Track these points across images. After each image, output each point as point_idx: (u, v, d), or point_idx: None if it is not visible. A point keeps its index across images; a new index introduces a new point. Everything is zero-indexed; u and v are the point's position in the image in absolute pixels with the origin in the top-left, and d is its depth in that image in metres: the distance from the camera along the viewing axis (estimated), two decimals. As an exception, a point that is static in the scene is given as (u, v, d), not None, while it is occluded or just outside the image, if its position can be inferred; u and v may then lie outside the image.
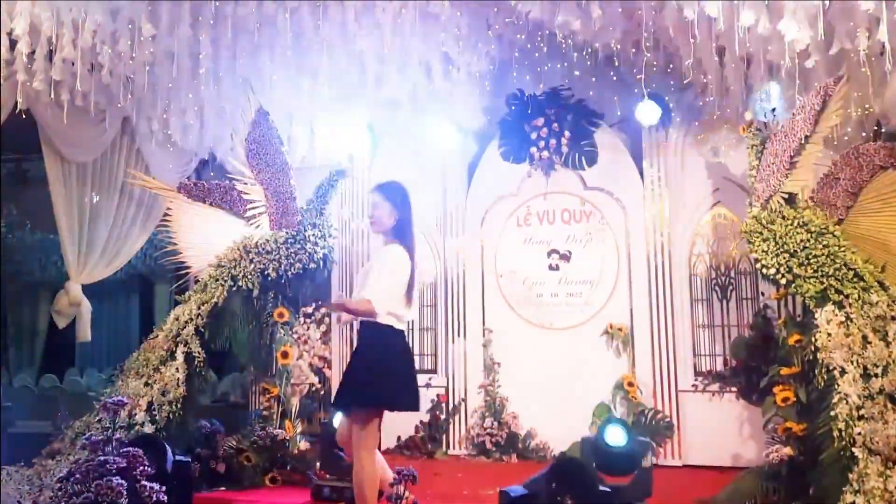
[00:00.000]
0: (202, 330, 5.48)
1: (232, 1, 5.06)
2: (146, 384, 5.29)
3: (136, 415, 5.09)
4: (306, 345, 5.80)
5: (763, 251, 4.73)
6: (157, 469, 3.84)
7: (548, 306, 6.62)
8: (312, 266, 5.69)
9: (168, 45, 5.21)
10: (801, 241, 4.61)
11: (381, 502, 3.79)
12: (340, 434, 3.98)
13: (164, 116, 6.18)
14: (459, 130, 6.77)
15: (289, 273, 5.61)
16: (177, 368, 5.31)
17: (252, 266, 5.59)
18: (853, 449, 3.96)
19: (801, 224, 4.68)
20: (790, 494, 4.41)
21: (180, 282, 6.41)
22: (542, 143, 6.60)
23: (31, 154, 7.25)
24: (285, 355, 5.61)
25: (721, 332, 6.14)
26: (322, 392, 6.11)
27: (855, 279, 4.45)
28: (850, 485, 3.89)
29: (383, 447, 5.80)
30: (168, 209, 6.19)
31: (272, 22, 5.19)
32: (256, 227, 5.84)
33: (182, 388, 5.28)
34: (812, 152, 4.79)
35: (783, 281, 4.66)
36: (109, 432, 3.85)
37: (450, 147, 6.81)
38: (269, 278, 5.60)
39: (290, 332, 5.71)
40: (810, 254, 4.56)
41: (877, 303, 4.34)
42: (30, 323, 10.89)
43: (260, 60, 5.59)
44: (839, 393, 4.13)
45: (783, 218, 4.74)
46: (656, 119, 6.09)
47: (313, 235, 5.70)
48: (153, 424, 5.08)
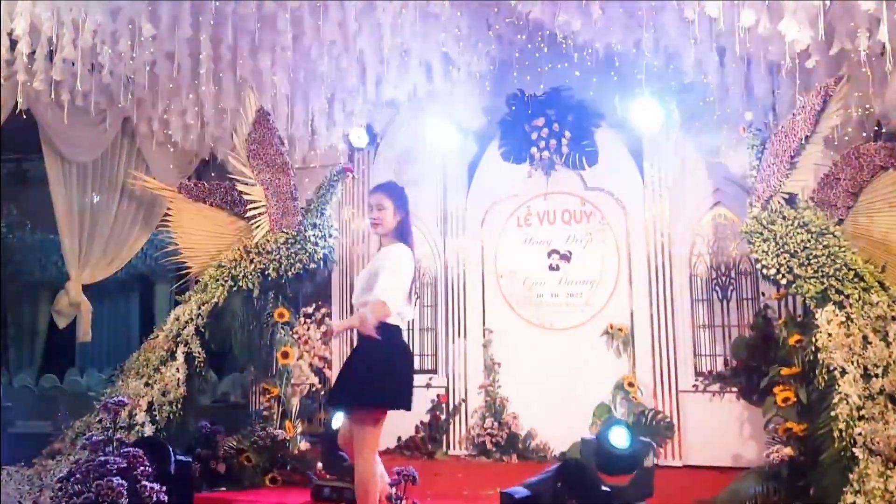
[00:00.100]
0: (202, 330, 5.49)
1: (232, 1, 5.06)
2: (146, 384, 5.30)
3: (136, 415, 5.10)
4: (306, 345, 5.81)
5: (763, 251, 4.73)
6: (160, 471, 3.84)
7: (548, 306, 6.61)
8: (313, 266, 5.70)
9: (168, 45, 5.22)
10: (802, 241, 4.61)
11: (381, 503, 3.78)
12: (342, 436, 3.98)
13: (165, 116, 6.18)
14: (460, 130, 6.77)
15: (289, 273, 5.62)
16: (177, 368, 5.32)
17: (252, 266, 5.59)
18: (854, 449, 3.96)
19: (802, 224, 4.68)
20: (791, 495, 4.41)
21: (181, 282, 6.41)
22: (542, 144, 6.58)
23: (31, 154, 7.24)
24: (285, 355, 5.61)
25: (721, 333, 6.13)
26: (322, 392, 6.12)
27: (855, 279, 4.45)
28: (851, 485, 3.90)
29: (383, 447, 5.80)
30: (168, 209, 6.21)
31: (272, 22, 5.18)
32: (257, 228, 5.84)
33: (182, 389, 5.29)
34: (812, 152, 4.80)
35: (783, 281, 4.66)
36: (110, 432, 3.85)
37: (450, 147, 6.80)
38: (270, 278, 5.61)
39: (291, 333, 5.71)
40: (811, 254, 4.57)
41: (877, 303, 4.34)
42: (30, 323, 10.89)
43: (260, 60, 5.58)
44: (840, 393, 4.13)
45: (783, 218, 4.74)
46: (657, 123, 6.07)
47: (314, 236, 5.71)
48: (153, 424, 5.09)
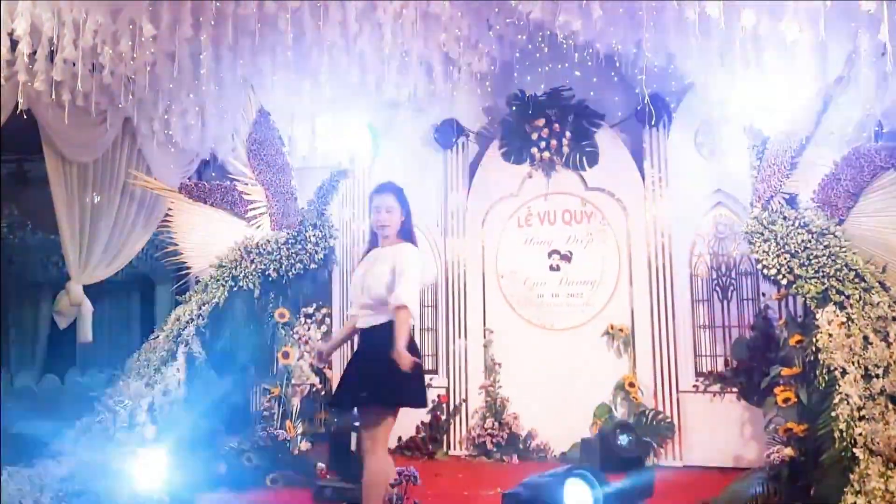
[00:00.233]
0: (203, 330, 5.49)
1: (233, 1, 5.06)
2: (147, 385, 5.30)
3: (137, 415, 5.09)
4: (307, 345, 5.80)
5: (764, 252, 4.73)
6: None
7: (549, 307, 6.61)
8: (313, 266, 5.70)
9: (169, 45, 5.21)
10: (803, 241, 4.62)
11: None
12: None
13: (166, 117, 6.17)
14: (460, 131, 6.77)
15: (289, 273, 5.63)
16: (178, 369, 5.32)
17: (253, 266, 5.60)
18: (854, 450, 3.96)
19: (803, 224, 4.69)
20: (791, 495, 4.40)
21: (181, 282, 6.41)
22: (542, 144, 6.59)
23: (32, 154, 7.23)
24: (286, 356, 5.62)
25: (722, 333, 6.13)
26: (323, 392, 6.12)
27: (856, 280, 4.45)
28: (851, 485, 3.89)
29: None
30: (169, 209, 6.21)
31: (273, 22, 5.18)
32: (257, 228, 5.85)
33: (183, 389, 5.29)
34: (813, 153, 4.79)
35: (784, 281, 4.66)
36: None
37: (451, 147, 6.80)
38: (270, 279, 5.61)
39: (291, 333, 5.71)
40: (811, 254, 4.57)
41: (878, 303, 4.35)
42: (31, 323, 10.89)
43: (261, 61, 5.58)
44: (840, 393, 4.13)
45: (784, 218, 4.75)
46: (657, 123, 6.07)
47: (314, 236, 5.72)
48: (154, 425, 5.09)
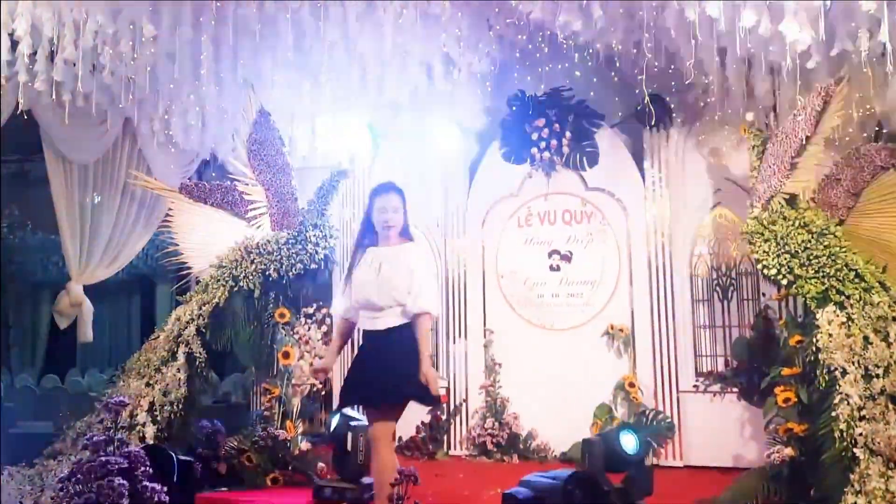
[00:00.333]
0: (203, 330, 5.50)
1: (233, 1, 5.06)
2: (147, 384, 5.30)
3: (137, 415, 5.10)
4: (307, 345, 5.79)
5: (764, 252, 4.73)
6: (162, 475, 3.85)
7: (549, 307, 6.61)
8: (313, 267, 5.70)
9: (169, 45, 5.22)
10: (803, 241, 4.61)
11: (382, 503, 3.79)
12: None
13: (166, 117, 6.18)
14: (460, 131, 6.77)
15: (290, 274, 5.62)
16: (178, 369, 5.32)
17: (253, 267, 5.60)
18: (854, 450, 3.96)
19: (803, 225, 4.68)
20: (791, 495, 4.40)
21: (181, 282, 6.41)
22: (543, 144, 6.58)
23: (32, 155, 7.26)
24: (286, 356, 5.61)
25: (722, 333, 6.13)
26: (323, 393, 6.11)
27: (856, 280, 4.45)
28: (852, 485, 3.90)
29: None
30: (169, 210, 6.21)
31: (273, 23, 5.19)
32: (258, 228, 5.85)
33: (183, 389, 5.30)
34: (813, 153, 4.80)
35: (784, 282, 4.66)
36: (111, 433, 3.86)
37: (451, 148, 6.81)
38: (271, 279, 5.61)
39: (291, 333, 5.71)
40: (811, 254, 4.56)
41: (878, 303, 4.34)
42: (31, 323, 10.91)
43: (261, 61, 5.59)
44: (840, 393, 4.13)
45: (784, 219, 4.74)
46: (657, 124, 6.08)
47: (314, 236, 5.71)
48: (154, 425, 5.09)
